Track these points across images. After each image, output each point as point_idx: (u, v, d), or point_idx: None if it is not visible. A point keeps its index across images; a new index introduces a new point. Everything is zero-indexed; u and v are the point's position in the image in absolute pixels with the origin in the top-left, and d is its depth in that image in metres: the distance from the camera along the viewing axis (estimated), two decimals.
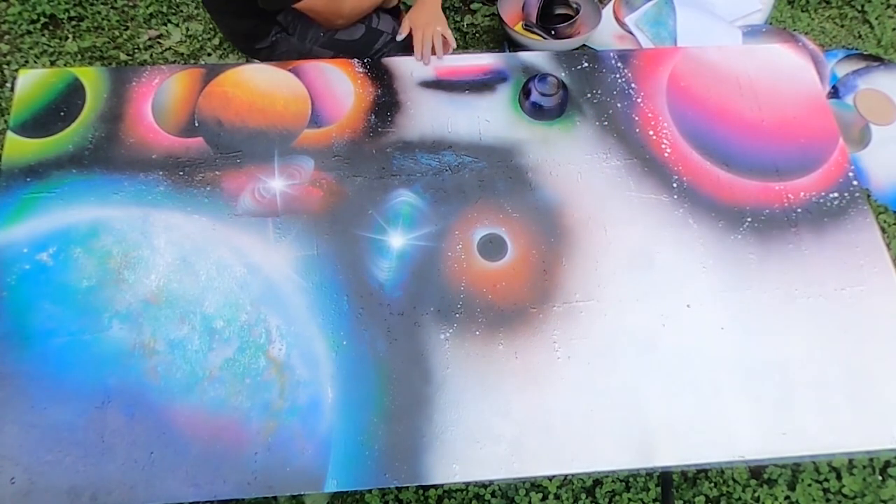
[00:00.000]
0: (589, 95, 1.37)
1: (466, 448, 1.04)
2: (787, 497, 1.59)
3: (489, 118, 1.34)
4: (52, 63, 2.13)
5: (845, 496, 1.59)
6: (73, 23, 2.22)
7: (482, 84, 1.38)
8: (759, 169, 1.30)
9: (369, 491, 1.56)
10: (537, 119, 1.33)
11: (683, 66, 1.42)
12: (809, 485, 1.60)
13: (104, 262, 1.15)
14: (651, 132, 1.33)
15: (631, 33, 2.10)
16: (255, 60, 1.71)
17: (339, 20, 1.51)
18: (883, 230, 1.93)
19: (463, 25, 2.30)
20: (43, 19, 2.20)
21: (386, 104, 1.34)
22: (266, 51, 1.61)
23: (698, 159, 1.31)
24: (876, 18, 2.31)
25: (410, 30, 1.49)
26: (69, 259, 1.15)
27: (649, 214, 1.25)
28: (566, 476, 1.60)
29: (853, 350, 1.14)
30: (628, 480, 1.60)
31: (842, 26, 2.31)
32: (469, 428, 1.06)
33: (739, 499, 1.59)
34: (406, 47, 1.50)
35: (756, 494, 1.59)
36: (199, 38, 2.21)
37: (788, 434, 1.07)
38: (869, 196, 1.97)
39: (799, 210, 1.26)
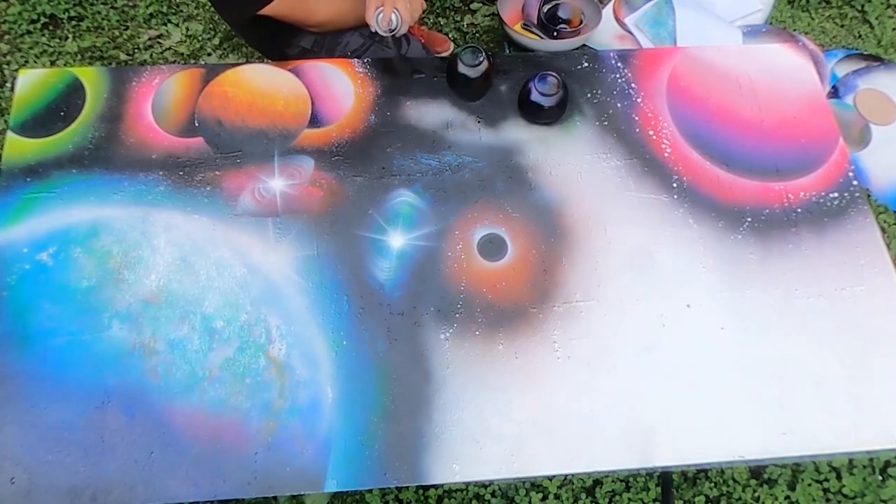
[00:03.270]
0: (589, 95, 1.37)
1: (466, 448, 1.04)
2: (787, 497, 1.59)
3: (489, 118, 1.34)
4: (52, 63, 2.13)
5: (845, 496, 1.59)
6: (73, 23, 2.22)
7: None
8: (759, 169, 1.30)
9: (369, 491, 1.56)
10: (537, 119, 1.33)
11: (683, 66, 1.42)
12: (809, 485, 1.60)
13: (104, 262, 1.15)
14: (651, 132, 1.33)
15: (631, 33, 2.10)
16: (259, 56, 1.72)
17: (311, 27, 1.52)
18: (883, 230, 1.93)
19: (463, 25, 2.30)
20: (43, 19, 2.20)
21: (386, 104, 1.34)
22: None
23: (698, 159, 1.31)
24: (876, 18, 2.31)
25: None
26: (69, 259, 1.15)
27: (649, 214, 1.25)
28: (566, 476, 1.60)
29: (853, 350, 1.14)
30: (628, 480, 1.60)
31: (842, 26, 2.32)
32: (469, 428, 1.06)
33: (739, 499, 1.59)
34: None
35: (756, 494, 1.59)
36: (199, 38, 2.21)
37: (788, 434, 1.07)
38: (869, 196, 1.97)
39: (799, 210, 1.26)
